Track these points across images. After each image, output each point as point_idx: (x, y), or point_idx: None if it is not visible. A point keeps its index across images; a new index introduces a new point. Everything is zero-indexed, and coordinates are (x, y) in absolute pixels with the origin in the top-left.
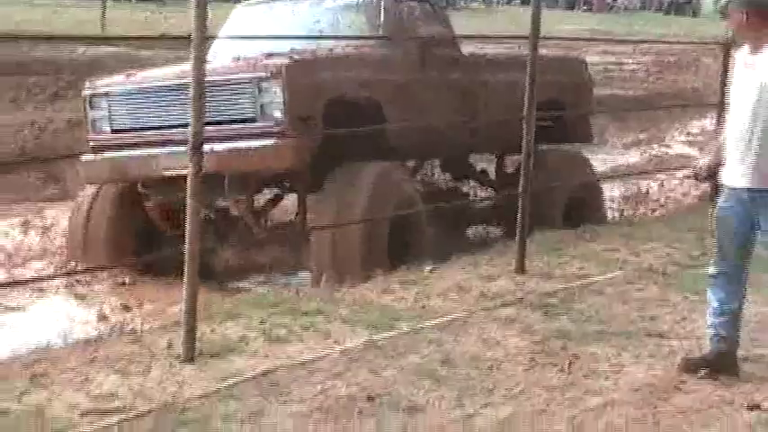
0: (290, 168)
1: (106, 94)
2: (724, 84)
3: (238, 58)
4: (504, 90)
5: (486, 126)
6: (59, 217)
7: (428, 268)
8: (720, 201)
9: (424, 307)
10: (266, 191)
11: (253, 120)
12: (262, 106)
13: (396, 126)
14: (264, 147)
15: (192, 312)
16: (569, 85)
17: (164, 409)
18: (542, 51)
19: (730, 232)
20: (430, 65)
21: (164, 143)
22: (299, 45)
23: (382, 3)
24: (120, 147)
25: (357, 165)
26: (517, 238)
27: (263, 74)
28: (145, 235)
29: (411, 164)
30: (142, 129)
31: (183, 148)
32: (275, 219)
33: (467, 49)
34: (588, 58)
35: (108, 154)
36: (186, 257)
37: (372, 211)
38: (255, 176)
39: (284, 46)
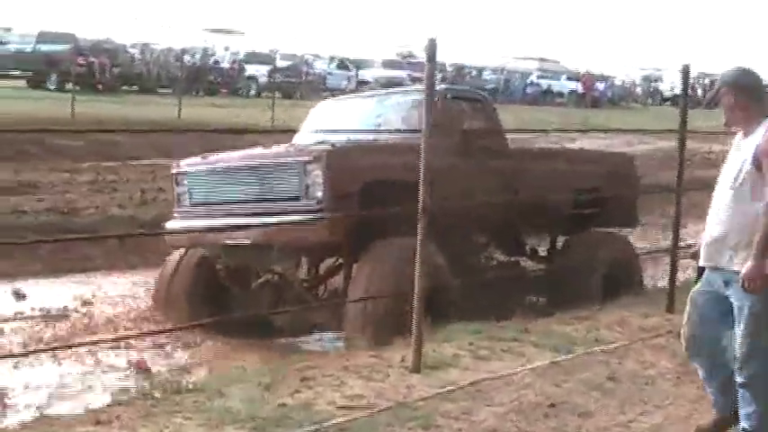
0: (326, 242)
1: (186, 173)
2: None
3: (293, 145)
4: (543, 177)
5: (525, 208)
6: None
7: (596, 307)
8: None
9: (596, 340)
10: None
11: (298, 198)
12: (306, 186)
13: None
14: (304, 222)
15: (419, 335)
16: (615, 177)
17: (398, 407)
18: (593, 148)
19: (704, 316)
20: (471, 153)
21: (228, 216)
22: (360, 136)
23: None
24: (196, 217)
25: (389, 240)
26: (669, 285)
27: (307, 158)
28: (219, 296)
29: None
30: (213, 203)
31: (242, 221)
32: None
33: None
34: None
35: (186, 223)
36: (416, 295)
37: (399, 281)
38: (300, 247)
39: (347, 136)
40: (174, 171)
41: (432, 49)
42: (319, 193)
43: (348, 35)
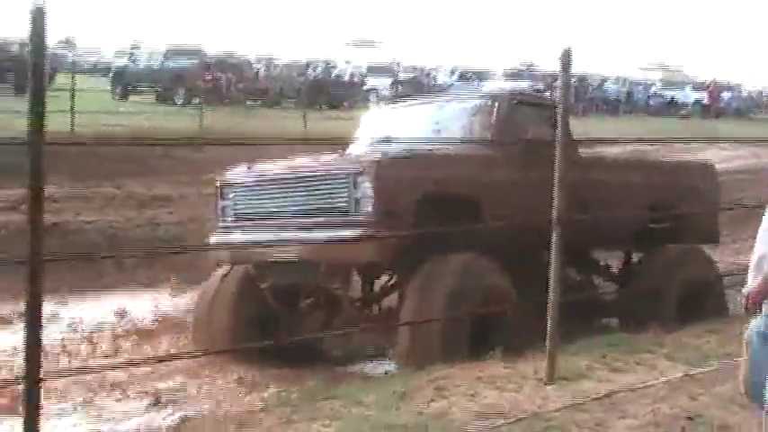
0: (375, 261)
1: (231, 185)
2: None
3: (344, 154)
4: (616, 189)
5: (595, 223)
6: None
7: (725, 320)
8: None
9: (728, 353)
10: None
11: (346, 212)
12: (356, 200)
13: (483, 223)
14: (350, 238)
15: (553, 347)
16: (694, 188)
17: (533, 417)
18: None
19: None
20: (535, 165)
21: (274, 230)
22: (415, 145)
23: (495, 108)
24: (240, 232)
25: (442, 258)
26: None
27: (356, 169)
28: (265, 317)
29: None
30: (258, 216)
31: (288, 235)
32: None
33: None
34: None
35: (229, 238)
36: (550, 309)
37: (452, 302)
38: (348, 266)
39: (402, 146)
40: (218, 182)
41: (566, 58)
42: (369, 208)
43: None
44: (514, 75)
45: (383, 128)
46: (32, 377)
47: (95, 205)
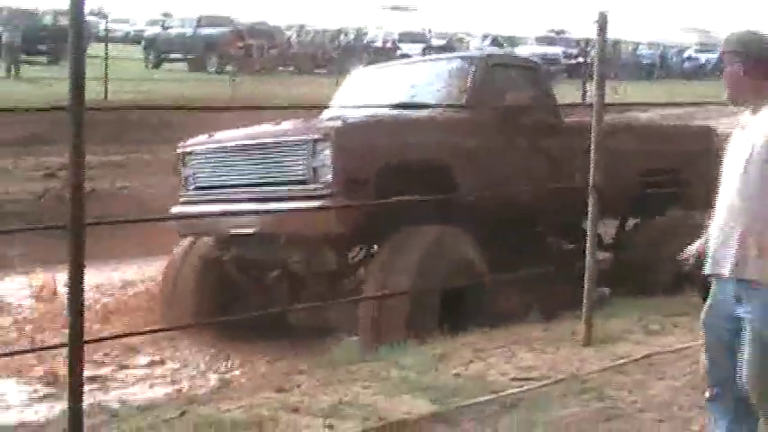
0: (335, 233)
1: (191, 153)
2: None
3: (305, 120)
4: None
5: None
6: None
7: None
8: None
9: None
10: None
11: (305, 182)
12: (314, 169)
13: (454, 192)
14: (309, 209)
15: (590, 308)
16: (692, 153)
17: (570, 379)
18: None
19: (721, 339)
20: (514, 131)
21: (234, 201)
22: (384, 110)
23: (471, 71)
24: (201, 203)
25: (407, 230)
26: None
27: (315, 136)
28: (228, 289)
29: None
30: (218, 186)
31: (246, 207)
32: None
33: None
34: None
35: (189, 209)
36: (587, 272)
37: (419, 277)
38: (308, 238)
39: (371, 110)
40: (179, 150)
41: (603, 21)
42: (328, 177)
43: (505, 12)
44: (547, 40)
45: (358, 91)
46: (75, 341)
47: (130, 171)
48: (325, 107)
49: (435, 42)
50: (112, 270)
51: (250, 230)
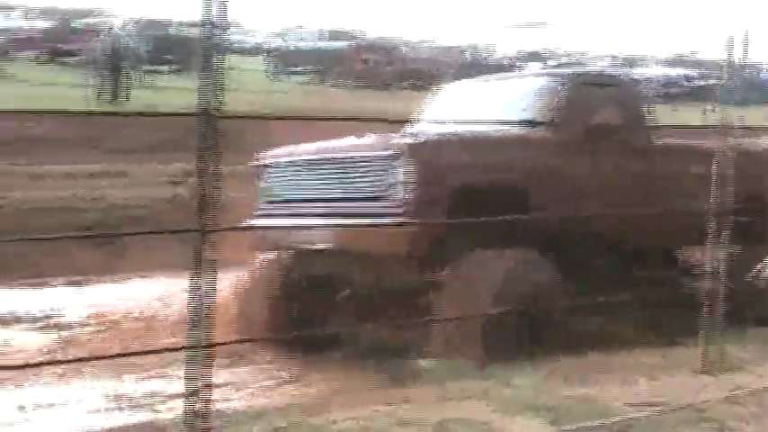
0: (407, 253)
1: (268, 166)
2: None
3: (383, 136)
4: (696, 180)
5: (673, 218)
6: None
7: None
8: None
9: None
10: None
11: (379, 199)
12: (388, 185)
13: (532, 215)
14: (381, 227)
15: (710, 337)
16: None
17: (687, 407)
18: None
19: None
20: (599, 151)
21: (308, 216)
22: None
23: (559, 89)
24: (275, 217)
25: (484, 253)
26: None
27: (388, 152)
28: (302, 309)
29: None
30: (293, 201)
31: (322, 222)
32: None
33: None
34: None
35: (265, 222)
36: (709, 299)
37: (494, 300)
38: (380, 257)
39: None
40: (254, 163)
41: (730, 43)
42: (402, 195)
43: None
44: (672, 62)
45: (446, 106)
46: (196, 345)
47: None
48: (410, 122)
49: (555, 62)
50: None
51: (323, 246)
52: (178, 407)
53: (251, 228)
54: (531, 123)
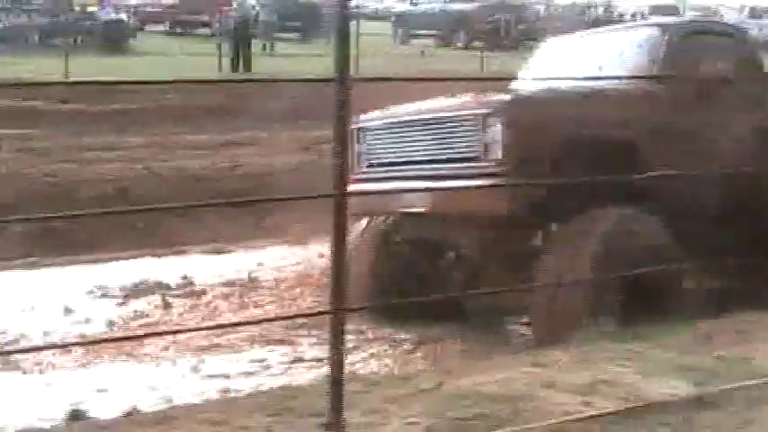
0: (506, 215)
1: (365, 129)
2: None
3: (480, 94)
4: None
5: None
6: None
7: None
8: None
9: None
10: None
11: (476, 159)
12: (486, 145)
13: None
14: (478, 189)
15: None
16: None
17: None
18: None
19: None
20: (708, 105)
21: (405, 179)
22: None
23: (663, 39)
24: (373, 180)
25: (589, 213)
26: None
27: (485, 110)
28: (406, 274)
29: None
30: (390, 164)
31: (416, 185)
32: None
33: None
34: None
35: (362, 187)
36: None
37: (599, 264)
38: (478, 219)
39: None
40: (353, 127)
41: None
42: (499, 153)
43: None
44: None
45: (548, 62)
46: (338, 308)
47: None
48: (514, 79)
49: (690, 14)
50: None
51: (421, 209)
52: (313, 371)
53: (383, 192)
54: (634, 77)
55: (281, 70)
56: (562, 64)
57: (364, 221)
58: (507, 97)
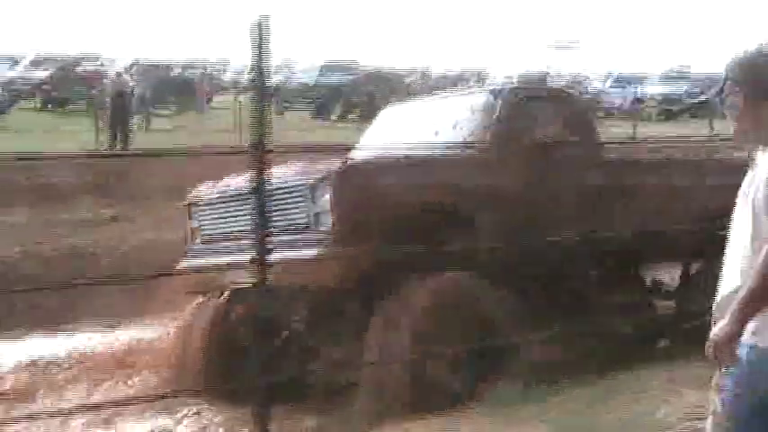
0: (337, 284)
1: (197, 203)
2: None
3: (309, 163)
4: (659, 194)
5: (626, 235)
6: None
7: None
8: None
9: None
10: None
11: (307, 228)
12: (315, 214)
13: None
14: (309, 258)
15: None
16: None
17: None
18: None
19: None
20: (541, 169)
21: (237, 252)
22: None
23: (496, 105)
24: (205, 255)
25: (414, 281)
26: None
27: (314, 179)
28: (236, 350)
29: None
30: (222, 237)
31: (243, 258)
32: None
33: None
34: None
35: (196, 262)
36: None
37: (424, 337)
38: (312, 290)
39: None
40: (185, 202)
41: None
42: (329, 223)
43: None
44: (669, 78)
45: (385, 130)
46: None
47: None
48: (350, 149)
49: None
50: None
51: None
52: None
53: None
54: (465, 143)
55: (158, 145)
56: (400, 131)
57: (199, 299)
58: (335, 166)
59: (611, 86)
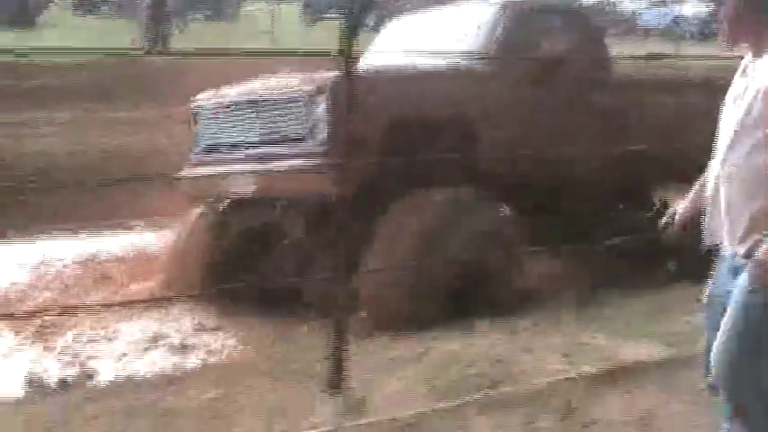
0: (331, 195)
1: (200, 110)
2: None
3: (308, 72)
4: (673, 115)
5: (638, 155)
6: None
7: None
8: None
9: None
10: None
11: (303, 139)
12: (311, 125)
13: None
14: (303, 170)
15: None
16: None
17: None
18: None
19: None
20: (544, 85)
21: (237, 162)
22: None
23: (501, 16)
24: (207, 164)
25: (417, 193)
26: None
27: (310, 89)
28: (239, 262)
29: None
30: (222, 146)
31: (247, 167)
32: None
33: None
34: None
35: (195, 171)
36: None
37: (426, 250)
38: (305, 201)
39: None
40: (190, 107)
41: None
42: (323, 134)
43: None
44: None
45: (390, 41)
46: None
47: None
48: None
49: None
50: None
51: (248, 192)
52: None
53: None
54: (469, 55)
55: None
56: (405, 42)
57: (198, 207)
58: (333, 75)
59: (646, 7)
